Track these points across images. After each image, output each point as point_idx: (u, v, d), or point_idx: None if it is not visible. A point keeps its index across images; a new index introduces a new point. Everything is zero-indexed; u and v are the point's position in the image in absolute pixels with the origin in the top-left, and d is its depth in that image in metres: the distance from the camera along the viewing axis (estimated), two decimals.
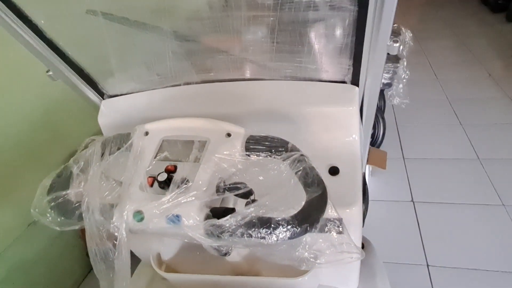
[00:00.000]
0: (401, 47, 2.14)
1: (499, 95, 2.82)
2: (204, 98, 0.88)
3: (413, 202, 1.96)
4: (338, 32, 0.72)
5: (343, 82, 0.80)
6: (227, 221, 0.54)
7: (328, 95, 0.80)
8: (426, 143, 2.42)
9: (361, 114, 0.88)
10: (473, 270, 1.56)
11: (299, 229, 0.53)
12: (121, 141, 0.71)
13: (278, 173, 0.61)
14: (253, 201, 0.59)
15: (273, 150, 0.63)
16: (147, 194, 0.61)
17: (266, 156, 0.63)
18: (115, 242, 0.61)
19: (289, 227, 0.53)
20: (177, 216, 0.57)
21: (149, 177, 0.63)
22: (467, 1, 5.12)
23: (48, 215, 0.65)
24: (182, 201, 0.57)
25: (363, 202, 0.90)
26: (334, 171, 0.77)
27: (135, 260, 1.11)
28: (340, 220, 0.66)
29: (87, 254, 0.64)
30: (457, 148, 2.32)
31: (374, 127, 2.39)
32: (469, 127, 2.48)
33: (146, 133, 0.71)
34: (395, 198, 2.03)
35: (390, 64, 1.97)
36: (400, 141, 2.48)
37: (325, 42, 0.75)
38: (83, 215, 0.62)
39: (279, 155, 0.62)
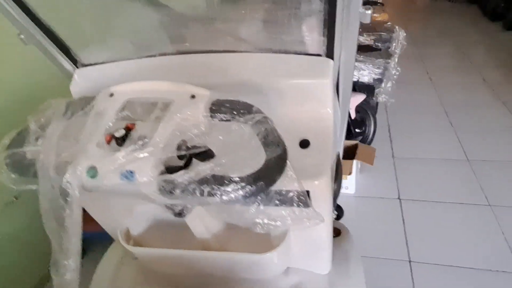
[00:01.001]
0: (394, 44, 2.14)
1: (492, 99, 2.82)
2: (179, 69, 0.86)
3: (400, 200, 1.95)
4: (310, 1, 0.70)
5: (319, 55, 0.78)
6: (180, 176, 0.52)
7: (302, 67, 0.78)
8: (416, 143, 2.41)
9: (338, 90, 0.86)
10: (455, 267, 1.54)
11: (253, 187, 0.52)
12: (86, 102, 0.69)
13: (240, 135, 0.59)
14: None
15: (236, 113, 0.61)
16: (103, 151, 0.59)
17: (230, 119, 0.61)
18: (68, 199, 0.59)
19: (243, 184, 0.51)
20: (131, 172, 0.55)
21: (107, 134, 0.61)
22: (466, 10, 5.17)
23: (3, 171, 0.63)
24: (138, 157, 0.55)
25: (336, 180, 0.89)
26: (305, 144, 0.75)
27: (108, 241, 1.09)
28: (306, 192, 0.64)
29: None
30: (447, 149, 2.31)
31: (365, 125, 2.38)
32: (460, 129, 2.48)
33: (111, 95, 0.69)
34: (382, 195, 2.01)
35: (381, 60, 1.96)
36: (391, 140, 2.47)
37: (298, 12, 0.74)
38: (37, 172, 0.60)
39: (242, 117, 0.60)
